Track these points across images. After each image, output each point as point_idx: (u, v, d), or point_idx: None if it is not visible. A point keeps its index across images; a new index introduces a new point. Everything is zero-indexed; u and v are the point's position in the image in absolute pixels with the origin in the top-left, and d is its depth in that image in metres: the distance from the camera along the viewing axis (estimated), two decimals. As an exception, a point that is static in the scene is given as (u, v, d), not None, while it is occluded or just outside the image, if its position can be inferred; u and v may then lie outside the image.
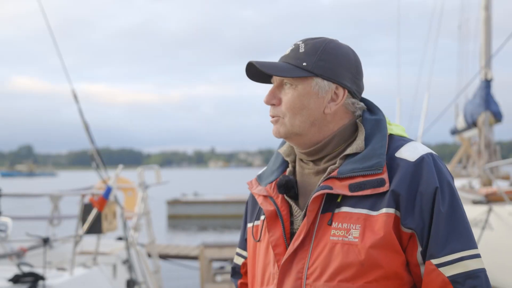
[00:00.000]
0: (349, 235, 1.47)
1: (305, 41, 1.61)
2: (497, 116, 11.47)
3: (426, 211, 1.46)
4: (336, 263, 1.47)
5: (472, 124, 12.20)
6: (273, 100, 1.60)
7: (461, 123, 13.38)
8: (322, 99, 1.58)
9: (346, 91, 1.60)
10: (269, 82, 1.65)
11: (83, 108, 6.80)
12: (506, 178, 12.32)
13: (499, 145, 12.04)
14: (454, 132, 14.69)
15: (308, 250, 1.51)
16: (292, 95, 1.57)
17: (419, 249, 1.47)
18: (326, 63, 1.57)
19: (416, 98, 14.93)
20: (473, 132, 12.81)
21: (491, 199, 8.37)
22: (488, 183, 10.06)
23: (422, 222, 1.46)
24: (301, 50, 1.58)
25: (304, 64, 1.56)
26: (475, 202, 8.46)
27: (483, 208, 8.02)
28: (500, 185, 9.37)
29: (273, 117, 1.60)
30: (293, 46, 1.61)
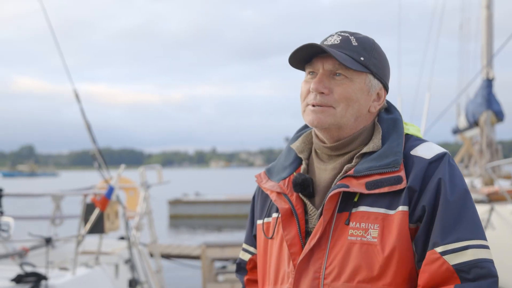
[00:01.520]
0: (367, 235, 1.45)
1: (353, 34, 1.58)
2: (499, 116, 11.47)
3: (431, 200, 1.44)
4: (354, 263, 1.45)
5: (473, 123, 12.20)
6: (324, 89, 1.55)
7: (462, 123, 13.37)
8: (370, 97, 1.58)
9: (386, 93, 1.62)
10: (302, 69, 1.61)
11: (85, 108, 6.81)
12: (508, 177, 12.32)
13: (500, 144, 12.04)
14: (456, 131, 14.68)
15: (325, 249, 1.49)
16: (348, 86, 1.54)
17: (420, 238, 1.44)
18: (378, 62, 1.58)
19: (417, 98, 14.92)
20: (474, 132, 12.80)
21: (493, 198, 8.37)
22: (490, 182, 10.06)
23: (428, 213, 1.44)
24: (354, 43, 1.56)
25: (361, 58, 1.54)
26: (477, 202, 8.46)
27: (485, 208, 8.01)
28: (502, 185, 9.36)
29: (320, 105, 1.55)
30: (341, 37, 1.57)
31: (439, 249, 1.41)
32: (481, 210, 8.03)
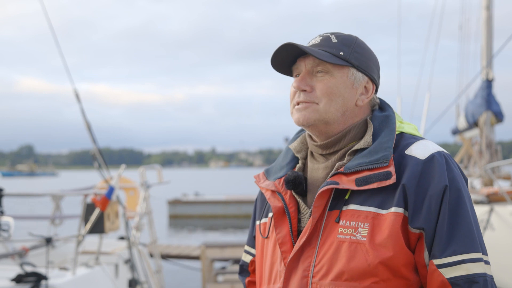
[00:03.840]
0: (357, 233, 1.44)
1: (334, 34, 1.60)
2: (499, 116, 11.46)
3: (434, 211, 1.43)
4: (342, 261, 1.44)
5: (473, 124, 12.19)
6: (305, 86, 1.57)
7: (462, 123, 13.37)
8: (355, 90, 1.58)
9: (375, 86, 1.62)
10: (289, 74, 1.64)
11: (85, 108, 6.80)
12: (507, 178, 12.34)
13: (500, 145, 12.04)
14: (455, 132, 14.68)
15: (315, 247, 1.49)
16: (329, 81, 1.55)
17: (425, 249, 1.44)
18: (360, 55, 1.58)
19: (416, 99, 14.94)
20: (474, 132, 12.79)
21: (492, 199, 8.37)
22: (489, 183, 10.05)
23: (430, 222, 1.43)
24: (334, 40, 1.57)
25: (341, 53, 1.56)
26: (477, 202, 8.46)
27: (484, 208, 8.01)
28: (502, 185, 9.37)
29: (304, 103, 1.56)
30: (322, 37, 1.59)
31: (436, 261, 1.43)
32: (481, 211, 8.03)
